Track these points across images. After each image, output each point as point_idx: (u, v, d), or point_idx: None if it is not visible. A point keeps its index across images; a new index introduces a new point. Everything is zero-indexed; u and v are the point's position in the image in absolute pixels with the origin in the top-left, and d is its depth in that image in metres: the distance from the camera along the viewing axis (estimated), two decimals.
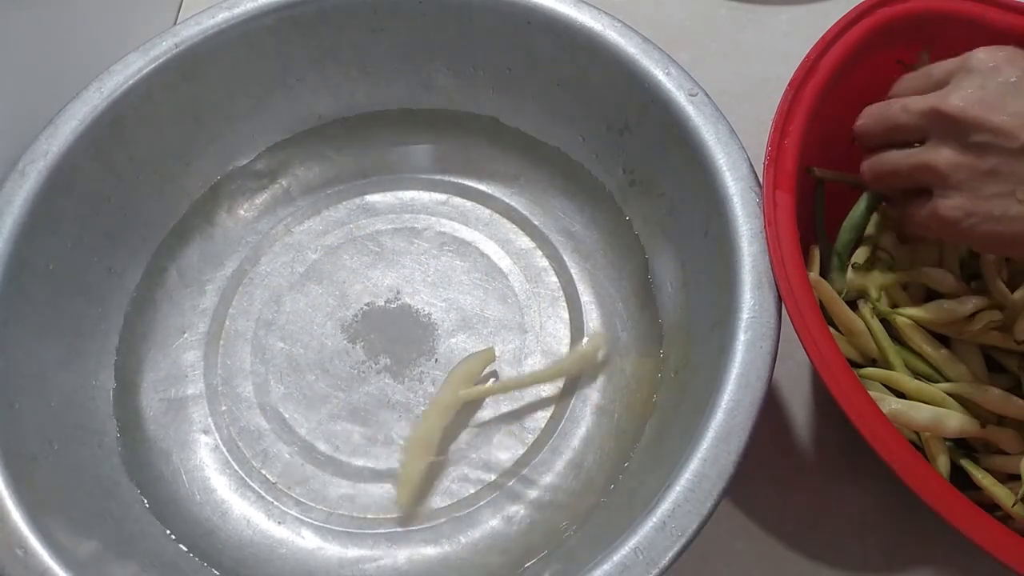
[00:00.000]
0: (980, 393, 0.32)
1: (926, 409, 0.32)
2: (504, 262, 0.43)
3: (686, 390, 0.35)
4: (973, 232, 0.29)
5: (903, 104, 0.31)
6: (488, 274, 0.43)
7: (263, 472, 0.38)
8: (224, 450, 0.39)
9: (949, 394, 0.33)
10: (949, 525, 0.27)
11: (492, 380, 0.40)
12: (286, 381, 0.41)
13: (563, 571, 0.32)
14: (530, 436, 0.39)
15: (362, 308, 0.42)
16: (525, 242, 0.44)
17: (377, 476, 0.38)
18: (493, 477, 0.38)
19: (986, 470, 0.33)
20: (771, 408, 0.41)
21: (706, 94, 0.37)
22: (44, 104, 0.38)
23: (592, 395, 0.40)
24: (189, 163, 0.43)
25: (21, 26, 0.40)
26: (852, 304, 0.35)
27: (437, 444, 0.38)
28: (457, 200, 0.45)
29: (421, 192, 0.46)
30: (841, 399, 0.29)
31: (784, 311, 0.31)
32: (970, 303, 0.33)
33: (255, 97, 0.44)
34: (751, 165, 0.35)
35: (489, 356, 0.40)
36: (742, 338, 0.31)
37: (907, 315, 0.34)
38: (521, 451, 0.38)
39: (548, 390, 0.40)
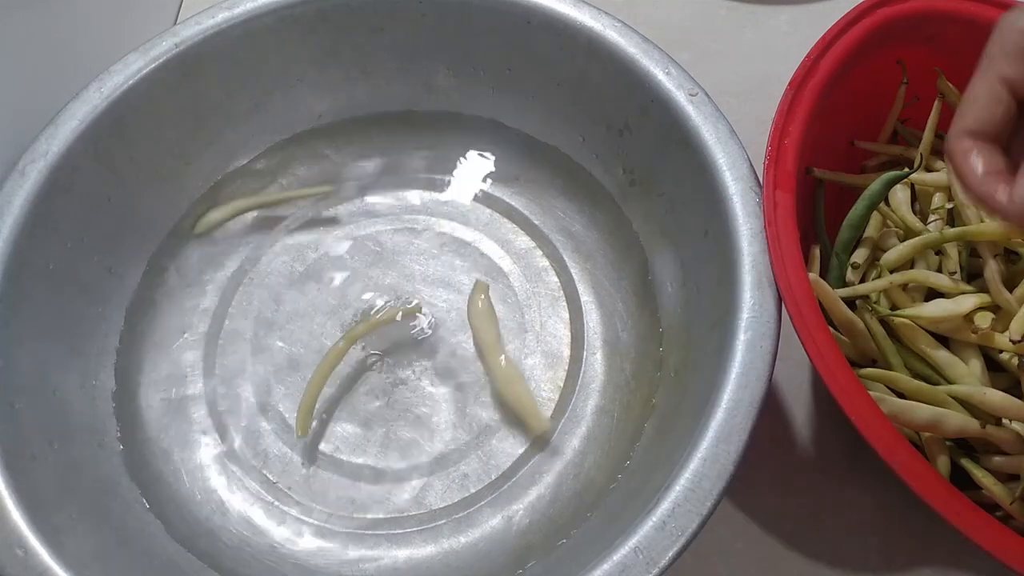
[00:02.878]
0: (980, 394, 0.32)
1: (926, 409, 0.32)
2: (504, 262, 0.43)
3: (686, 390, 0.35)
4: None
5: None
6: (488, 274, 0.43)
7: (263, 472, 0.38)
8: (224, 450, 0.39)
9: (949, 394, 0.33)
10: (949, 525, 0.27)
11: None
12: (286, 381, 0.41)
13: (563, 571, 0.32)
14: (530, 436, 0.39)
15: (362, 308, 0.42)
16: (525, 242, 0.44)
17: (377, 476, 0.38)
18: (493, 477, 0.38)
19: (986, 470, 0.33)
20: (771, 408, 0.40)
21: (706, 94, 0.37)
22: (44, 104, 0.38)
23: (592, 395, 0.40)
24: (189, 163, 0.43)
25: (21, 26, 0.40)
26: (852, 304, 0.35)
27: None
28: (457, 200, 0.45)
29: (421, 192, 0.46)
30: (841, 399, 0.29)
31: (784, 311, 0.31)
32: (968, 302, 0.33)
33: (255, 97, 0.43)
34: (751, 165, 0.35)
35: (482, 287, 0.41)
36: (742, 338, 0.31)
37: (906, 315, 0.34)
38: (521, 451, 0.38)
39: (548, 390, 0.40)
